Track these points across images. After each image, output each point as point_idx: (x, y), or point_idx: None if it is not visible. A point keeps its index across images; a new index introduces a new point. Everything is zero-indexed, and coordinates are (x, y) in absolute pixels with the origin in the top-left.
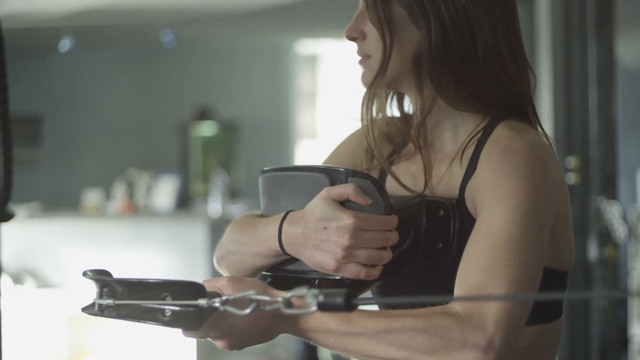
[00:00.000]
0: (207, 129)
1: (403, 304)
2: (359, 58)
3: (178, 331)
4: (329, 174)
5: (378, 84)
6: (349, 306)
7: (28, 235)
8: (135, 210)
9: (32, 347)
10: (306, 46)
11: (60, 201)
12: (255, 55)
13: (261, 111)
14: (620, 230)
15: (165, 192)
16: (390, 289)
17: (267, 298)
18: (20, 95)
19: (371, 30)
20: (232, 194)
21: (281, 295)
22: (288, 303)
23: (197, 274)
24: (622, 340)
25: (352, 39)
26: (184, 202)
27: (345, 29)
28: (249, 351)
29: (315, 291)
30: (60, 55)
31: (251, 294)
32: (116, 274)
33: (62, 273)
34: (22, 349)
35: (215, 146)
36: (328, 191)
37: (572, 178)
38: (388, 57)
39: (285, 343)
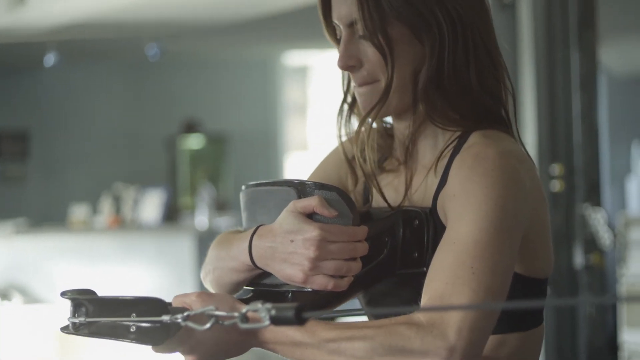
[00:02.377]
0: (194, 142)
1: (379, 314)
2: (363, 85)
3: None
4: (297, 188)
5: (381, 110)
6: (300, 320)
7: (15, 250)
8: (122, 224)
9: None
10: (295, 58)
11: (48, 216)
12: (243, 68)
13: (249, 124)
14: (605, 237)
15: (152, 205)
16: (374, 301)
17: (223, 313)
18: (8, 111)
19: (372, 54)
20: (220, 207)
21: (241, 309)
22: (244, 318)
23: (185, 286)
24: (610, 348)
25: (348, 68)
26: (172, 215)
27: (338, 59)
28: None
29: (268, 305)
30: (47, 71)
31: (210, 309)
32: (104, 288)
33: (50, 288)
34: None
35: (203, 159)
36: (294, 204)
37: (556, 185)
38: (391, 82)
39: (261, 354)
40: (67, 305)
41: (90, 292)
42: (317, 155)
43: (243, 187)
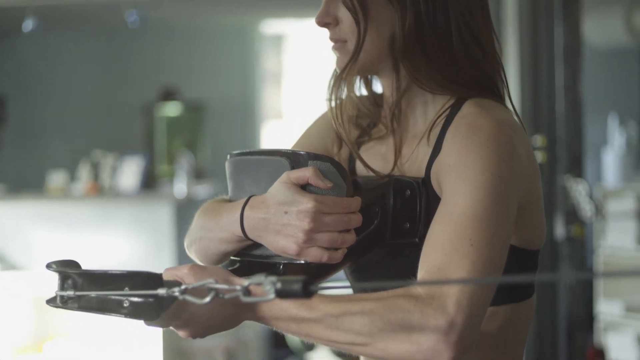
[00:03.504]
0: (172, 109)
1: (368, 288)
2: (333, 44)
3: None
4: (290, 158)
5: (351, 69)
6: (307, 293)
7: None
8: (100, 191)
9: None
10: (272, 26)
11: (25, 183)
12: (222, 36)
13: (227, 92)
14: (587, 209)
15: (130, 173)
16: (362, 269)
17: (225, 286)
18: None
19: (345, 14)
20: (198, 175)
21: (240, 283)
22: (246, 291)
23: (163, 255)
24: (590, 319)
25: (324, 25)
26: (150, 183)
27: (317, 16)
28: (217, 334)
29: (273, 278)
30: (24, 37)
31: (210, 282)
32: (82, 256)
33: (28, 255)
34: None
35: (181, 127)
36: (288, 175)
37: (538, 157)
38: (362, 43)
39: (254, 325)
40: (46, 274)
41: (74, 264)
42: (292, 125)
43: (228, 156)
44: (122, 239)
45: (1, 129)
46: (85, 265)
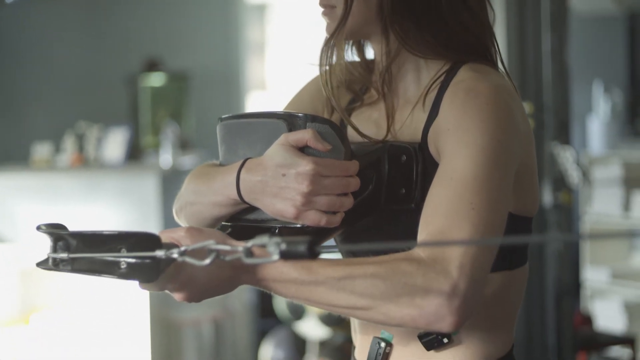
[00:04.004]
0: (156, 80)
1: (366, 252)
2: (323, 9)
3: (133, 284)
4: (287, 120)
5: (339, 34)
6: (312, 254)
7: None
8: (85, 163)
9: None
10: None
11: (10, 155)
12: (204, 6)
13: (210, 62)
14: (574, 175)
15: (115, 144)
16: (353, 236)
17: (227, 248)
18: None
19: None
20: (183, 145)
21: (241, 244)
22: (249, 252)
23: (149, 225)
24: (578, 285)
25: None
26: (135, 154)
27: None
28: (203, 303)
29: (277, 239)
30: (6, 7)
31: (210, 243)
32: (70, 228)
33: (13, 227)
34: None
35: (165, 97)
36: (286, 137)
37: None
38: (350, 7)
39: (240, 294)
40: (32, 245)
41: (61, 226)
42: (276, 95)
43: (219, 120)
44: (108, 210)
45: None
46: (68, 229)
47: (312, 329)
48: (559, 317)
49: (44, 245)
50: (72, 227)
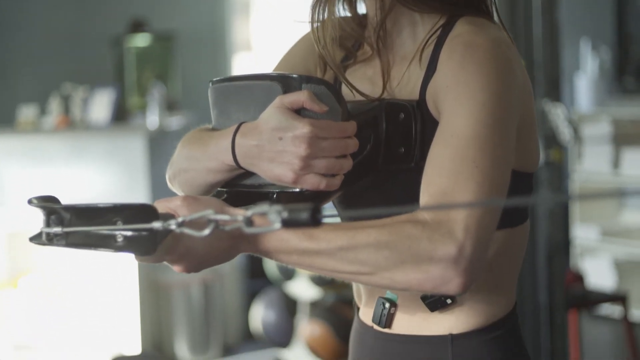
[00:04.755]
0: (141, 40)
1: (368, 215)
2: None
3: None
4: (281, 82)
5: None
6: (315, 221)
7: None
8: (71, 124)
9: None
10: None
11: None
12: None
13: (196, 22)
14: (565, 132)
15: (101, 105)
16: (353, 197)
17: (226, 217)
18: None
19: None
20: (170, 106)
21: (240, 213)
22: (249, 221)
23: (137, 187)
24: (568, 244)
25: None
26: (122, 116)
27: None
28: None
29: (278, 207)
30: None
31: (209, 213)
32: (55, 190)
33: (0, 191)
34: None
35: (151, 58)
36: (281, 99)
37: None
38: None
39: None
40: (20, 209)
41: (53, 199)
42: (261, 56)
43: (211, 83)
44: (95, 172)
45: None
46: (63, 201)
47: (302, 289)
48: (550, 276)
49: (30, 210)
50: (59, 190)
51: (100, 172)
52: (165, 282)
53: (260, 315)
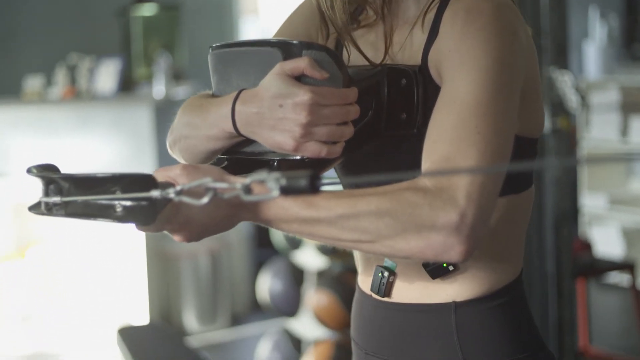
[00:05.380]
0: (147, 10)
1: (370, 182)
2: None
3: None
4: (282, 48)
5: None
6: (314, 188)
7: None
8: (77, 95)
9: None
10: None
11: (2, 89)
12: None
13: None
14: (573, 100)
15: (107, 76)
16: (354, 164)
17: (224, 185)
18: None
19: None
20: (176, 76)
21: (239, 181)
22: (247, 189)
23: (143, 157)
24: (576, 212)
25: None
26: (128, 86)
27: None
28: None
29: (276, 175)
30: None
31: (207, 181)
32: (62, 160)
33: (6, 161)
34: None
35: (157, 28)
36: (282, 66)
37: None
38: None
39: (237, 225)
40: (26, 179)
41: (52, 168)
42: (268, 20)
43: (210, 49)
44: (102, 142)
45: None
46: (65, 170)
47: (309, 258)
48: (557, 244)
49: (38, 182)
50: (66, 161)
51: (106, 142)
52: (173, 252)
53: (267, 284)
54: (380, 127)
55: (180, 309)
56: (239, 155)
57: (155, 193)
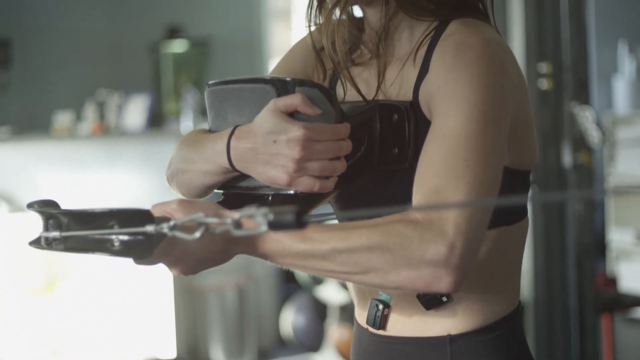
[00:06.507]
0: (177, 46)
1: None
2: None
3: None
4: (275, 85)
5: None
6: (300, 224)
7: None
8: (106, 130)
9: (8, 272)
10: None
11: (32, 124)
12: None
13: (233, 27)
14: (594, 135)
15: (136, 111)
16: (347, 198)
17: (215, 220)
18: None
19: None
20: (204, 112)
21: (231, 216)
22: (237, 224)
23: (171, 192)
24: (599, 247)
25: None
26: (157, 121)
27: None
28: (227, 270)
29: (264, 210)
30: None
31: (199, 216)
32: (90, 196)
33: (36, 197)
34: None
35: (187, 64)
36: (275, 103)
37: (544, 84)
38: None
39: (264, 261)
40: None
41: (53, 203)
42: None
43: (207, 86)
44: (130, 177)
45: (7, 70)
46: (93, 205)
47: (332, 293)
48: (579, 278)
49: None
50: (94, 196)
51: (135, 177)
52: (200, 286)
53: (290, 319)
54: (373, 161)
55: (207, 343)
56: (234, 190)
57: (149, 228)
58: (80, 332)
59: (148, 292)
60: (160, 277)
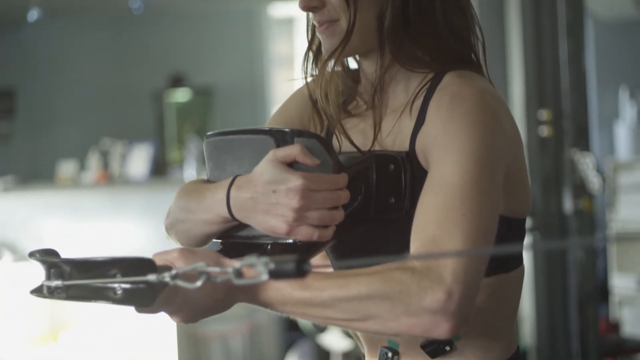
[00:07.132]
0: (181, 95)
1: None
2: (322, 27)
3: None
4: (274, 136)
5: (343, 50)
6: (301, 272)
7: (4, 208)
8: (110, 179)
9: (12, 322)
10: (280, 9)
11: (36, 173)
12: (229, 20)
13: (235, 76)
14: (594, 182)
15: (139, 160)
16: (345, 247)
17: (217, 269)
18: None
19: None
20: None
21: (232, 265)
22: (238, 273)
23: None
24: (601, 293)
25: (310, 9)
26: (161, 169)
27: (300, 0)
28: (230, 318)
29: (265, 259)
30: (31, 27)
31: (201, 266)
32: (94, 245)
33: (40, 246)
34: (1, 324)
35: (190, 113)
36: (274, 153)
37: (544, 131)
38: (354, 21)
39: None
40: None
41: (53, 252)
42: None
43: (206, 137)
44: (134, 226)
45: (11, 120)
46: (96, 253)
47: (335, 341)
48: (582, 324)
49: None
50: (98, 245)
51: (139, 226)
52: (204, 334)
53: None
54: (370, 211)
55: None
56: (233, 239)
57: (151, 277)
58: None
59: (152, 340)
60: (164, 325)
